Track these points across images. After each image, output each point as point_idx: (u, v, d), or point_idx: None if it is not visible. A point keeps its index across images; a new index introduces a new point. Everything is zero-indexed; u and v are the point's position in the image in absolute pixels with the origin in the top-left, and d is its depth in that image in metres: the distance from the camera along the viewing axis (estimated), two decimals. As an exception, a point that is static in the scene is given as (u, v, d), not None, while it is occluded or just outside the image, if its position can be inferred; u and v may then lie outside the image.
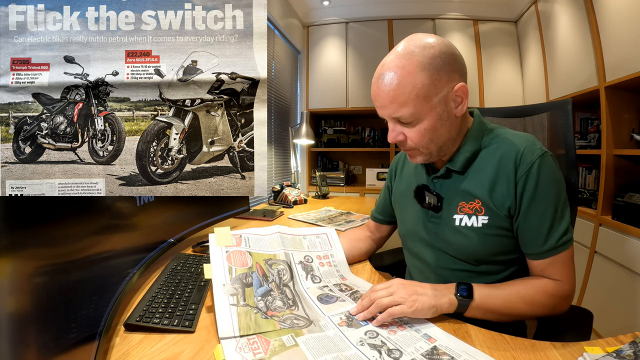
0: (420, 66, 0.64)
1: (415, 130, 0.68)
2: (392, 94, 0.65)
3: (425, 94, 0.65)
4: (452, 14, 3.21)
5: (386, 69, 0.66)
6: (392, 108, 0.67)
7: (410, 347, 0.55)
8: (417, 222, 0.82)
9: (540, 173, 0.67)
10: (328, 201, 2.32)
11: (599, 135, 1.98)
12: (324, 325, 0.61)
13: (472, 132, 0.74)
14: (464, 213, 0.73)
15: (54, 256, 0.46)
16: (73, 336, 0.45)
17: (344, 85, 3.36)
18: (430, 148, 0.71)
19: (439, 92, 0.66)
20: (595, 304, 1.78)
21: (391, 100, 0.66)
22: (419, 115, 0.66)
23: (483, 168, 0.72)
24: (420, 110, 0.66)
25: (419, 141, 0.70)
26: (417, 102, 0.65)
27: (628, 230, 1.58)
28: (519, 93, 3.13)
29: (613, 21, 1.77)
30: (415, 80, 0.64)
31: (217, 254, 0.71)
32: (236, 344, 0.54)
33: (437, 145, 0.71)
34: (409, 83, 0.64)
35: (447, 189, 0.76)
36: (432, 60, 0.64)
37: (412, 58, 0.64)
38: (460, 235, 0.73)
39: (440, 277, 0.78)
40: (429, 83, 0.64)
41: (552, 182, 0.68)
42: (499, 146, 0.72)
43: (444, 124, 0.69)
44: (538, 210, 0.67)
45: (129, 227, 0.79)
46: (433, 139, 0.70)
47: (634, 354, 0.49)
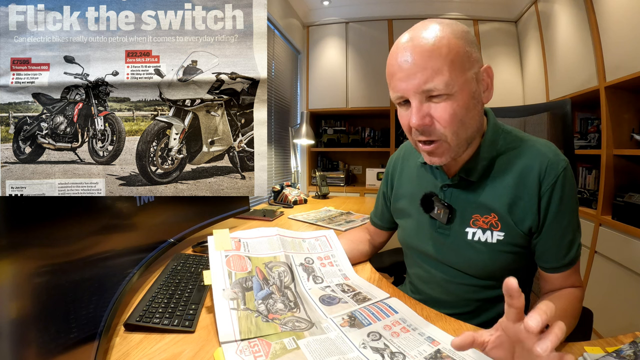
0: (453, 34, 0.57)
1: (444, 108, 0.58)
2: (425, 57, 0.56)
3: (461, 63, 0.57)
4: (452, 14, 3.21)
5: (416, 36, 0.58)
6: (425, 75, 0.56)
7: (413, 350, 0.54)
8: (422, 232, 0.77)
9: (565, 186, 0.64)
10: (328, 201, 2.32)
11: (599, 135, 1.98)
12: (326, 327, 0.61)
13: (488, 135, 0.67)
14: (478, 227, 0.68)
15: (54, 256, 0.46)
16: (73, 336, 0.45)
17: (344, 85, 3.36)
18: (460, 136, 0.61)
19: (472, 66, 0.59)
20: (595, 304, 1.78)
21: (423, 66, 0.56)
22: (453, 86, 0.57)
23: (501, 178, 0.66)
24: (455, 80, 0.56)
25: (450, 122, 0.58)
26: (453, 70, 0.56)
27: (628, 230, 1.58)
28: (519, 93, 3.13)
29: (613, 21, 1.77)
30: (451, 44, 0.56)
31: (216, 258, 0.71)
32: (237, 347, 0.54)
33: (466, 133, 0.61)
34: (444, 47, 0.56)
35: (459, 199, 0.70)
36: (464, 34, 0.58)
37: (444, 27, 0.58)
38: (472, 250, 0.69)
39: (444, 289, 0.76)
40: (464, 52, 0.57)
41: (574, 194, 0.66)
42: (520, 154, 0.67)
43: (476, 106, 0.60)
44: (562, 224, 0.65)
45: (129, 227, 0.79)
46: (465, 123, 0.60)
47: (634, 354, 0.49)
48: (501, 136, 0.69)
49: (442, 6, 3.21)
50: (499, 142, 0.68)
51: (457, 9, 3.20)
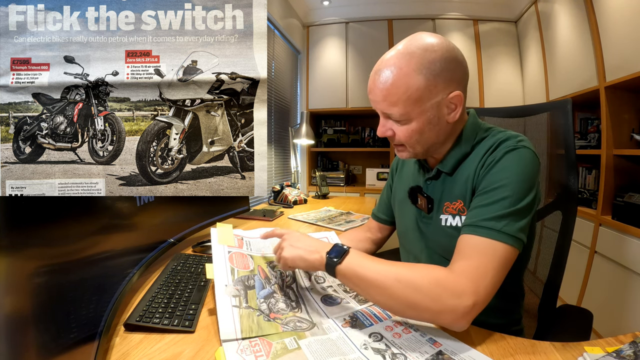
0: (417, 69, 0.63)
1: (403, 129, 0.69)
2: (385, 92, 0.66)
3: (418, 97, 0.64)
4: (452, 14, 3.21)
5: (384, 66, 0.66)
6: (384, 105, 0.68)
7: (415, 351, 0.54)
8: (412, 222, 0.83)
9: (503, 159, 0.65)
10: (328, 201, 2.32)
11: (599, 135, 1.98)
12: (327, 328, 0.61)
13: (465, 133, 0.73)
14: (449, 213, 0.73)
15: (53, 256, 0.46)
16: (73, 336, 0.45)
17: (344, 85, 3.36)
18: (416, 148, 0.72)
19: (433, 97, 0.65)
20: (595, 304, 1.78)
21: (383, 98, 0.67)
22: (409, 116, 0.67)
23: (469, 167, 0.71)
24: (410, 111, 0.66)
25: (405, 140, 0.71)
26: (408, 104, 0.65)
27: (628, 230, 1.58)
28: (519, 93, 3.13)
29: (613, 21, 1.78)
30: (410, 82, 0.64)
31: (219, 253, 0.71)
32: (238, 346, 0.54)
33: (423, 146, 0.72)
34: (402, 84, 0.64)
35: (437, 190, 0.76)
36: (431, 65, 0.63)
37: (411, 59, 0.64)
38: (446, 235, 0.73)
39: None
40: (424, 87, 0.64)
41: (513, 170, 0.63)
42: (485, 145, 0.71)
43: (432, 129, 0.69)
44: (485, 194, 0.64)
45: (129, 227, 0.79)
46: (420, 141, 0.70)
47: (634, 354, 0.49)
48: (478, 133, 0.74)
49: (442, 6, 3.21)
50: (475, 138, 0.73)
51: (457, 9, 3.20)
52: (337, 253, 0.64)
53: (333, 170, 3.58)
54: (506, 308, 0.76)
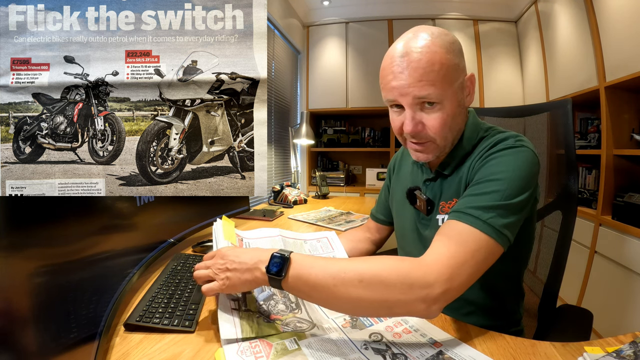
0: (444, 48, 0.62)
1: (436, 117, 0.64)
2: (421, 71, 0.61)
3: (450, 77, 0.63)
4: (452, 14, 3.21)
5: (413, 49, 0.62)
6: (419, 86, 0.61)
7: (415, 351, 0.54)
8: (410, 223, 0.82)
9: (501, 155, 0.63)
10: (328, 201, 2.32)
11: (599, 135, 1.98)
12: (328, 328, 0.61)
13: (466, 133, 0.72)
14: (445, 213, 0.72)
15: (54, 256, 0.46)
16: (73, 336, 0.45)
17: (344, 85, 3.36)
18: (447, 139, 0.68)
19: (459, 77, 0.65)
20: (595, 304, 1.78)
21: (419, 78, 0.61)
22: (444, 97, 0.63)
23: (466, 167, 0.70)
24: (445, 92, 0.62)
25: (439, 129, 0.65)
26: (445, 83, 0.62)
27: (628, 230, 1.58)
28: (519, 93, 3.13)
29: (613, 21, 1.78)
30: (443, 59, 0.61)
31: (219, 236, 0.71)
32: (238, 347, 0.53)
33: (452, 135, 0.68)
34: (438, 61, 0.61)
35: (435, 191, 0.76)
36: (452, 46, 0.63)
37: (436, 40, 0.62)
38: None
39: None
40: (453, 66, 0.63)
41: (510, 166, 0.62)
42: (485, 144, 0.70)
43: (461, 112, 0.67)
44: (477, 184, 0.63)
45: (129, 227, 0.79)
46: (452, 128, 0.67)
47: (634, 354, 0.49)
48: (479, 133, 0.73)
49: (442, 6, 3.21)
50: (475, 138, 0.72)
51: (457, 9, 3.20)
52: (277, 265, 0.54)
53: (333, 170, 3.58)
54: (506, 309, 0.76)
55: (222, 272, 0.57)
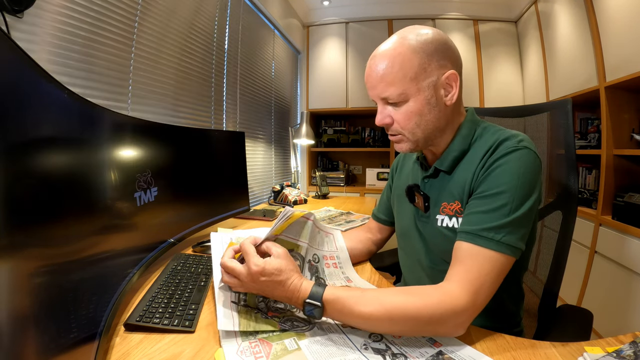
0: (410, 49, 0.65)
1: (401, 112, 0.68)
2: (380, 73, 0.67)
3: (414, 76, 0.65)
4: (452, 14, 3.21)
5: (378, 52, 0.69)
6: (381, 87, 0.68)
7: (415, 351, 0.54)
8: (410, 221, 0.82)
9: (504, 162, 0.63)
10: (328, 201, 2.32)
11: (599, 135, 1.98)
12: (327, 328, 0.61)
13: (463, 129, 0.72)
14: (445, 214, 0.72)
15: (53, 256, 0.46)
16: (73, 336, 0.45)
17: (344, 85, 3.36)
18: (416, 134, 0.70)
19: (429, 76, 0.66)
20: (595, 304, 1.78)
21: (380, 80, 0.67)
22: (406, 95, 0.66)
23: (467, 167, 0.70)
24: (407, 90, 0.66)
25: (405, 124, 0.69)
26: (405, 82, 0.65)
27: (628, 230, 1.58)
28: (519, 93, 3.12)
29: (613, 21, 1.77)
30: (404, 60, 0.65)
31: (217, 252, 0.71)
32: (237, 347, 0.53)
33: (423, 132, 0.70)
34: (397, 63, 0.65)
35: (434, 188, 0.76)
36: (424, 45, 0.65)
37: (404, 42, 0.66)
38: (442, 236, 0.72)
39: (431, 277, 0.78)
40: (418, 65, 0.65)
41: (514, 174, 0.62)
42: (484, 142, 0.69)
43: (432, 110, 0.68)
44: (484, 198, 0.63)
45: (129, 227, 0.79)
46: (420, 124, 0.69)
47: (634, 354, 0.49)
48: (477, 130, 0.73)
49: (442, 6, 3.21)
50: (473, 136, 0.72)
51: (457, 9, 3.20)
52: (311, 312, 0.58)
53: (333, 170, 3.57)
54: (506, 311, 0.76)
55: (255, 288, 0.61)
